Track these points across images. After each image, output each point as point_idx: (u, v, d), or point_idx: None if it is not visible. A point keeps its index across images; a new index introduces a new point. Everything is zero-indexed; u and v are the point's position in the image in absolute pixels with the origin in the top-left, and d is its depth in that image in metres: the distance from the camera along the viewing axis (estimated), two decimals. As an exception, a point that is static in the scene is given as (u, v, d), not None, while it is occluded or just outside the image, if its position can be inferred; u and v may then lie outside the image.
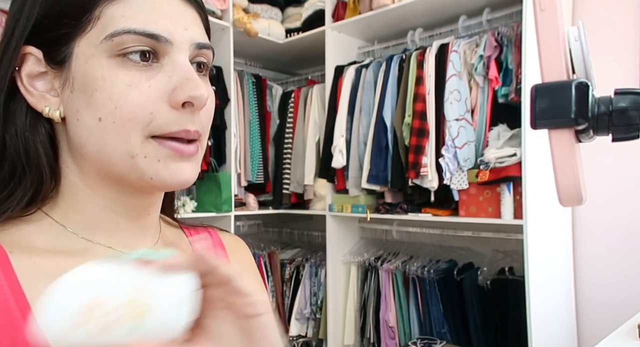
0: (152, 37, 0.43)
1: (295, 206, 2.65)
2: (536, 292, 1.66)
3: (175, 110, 0.44)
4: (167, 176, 0.45)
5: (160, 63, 0.44)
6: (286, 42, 2.59)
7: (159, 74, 0.44)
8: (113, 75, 0.42)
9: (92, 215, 0.48)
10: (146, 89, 0.43)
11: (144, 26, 0.42)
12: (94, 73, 0.43)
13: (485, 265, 2.01)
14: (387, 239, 2.39)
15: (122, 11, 0.43)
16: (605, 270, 1.87)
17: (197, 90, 0.43)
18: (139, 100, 0.43)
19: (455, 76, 1.91)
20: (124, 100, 0.42)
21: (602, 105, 0.39)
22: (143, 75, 0.43)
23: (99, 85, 0.42)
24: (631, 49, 1.81)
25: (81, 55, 0.43)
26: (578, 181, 0.39)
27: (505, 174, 1.72)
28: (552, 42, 0.39)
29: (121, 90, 0.42)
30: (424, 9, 2.08)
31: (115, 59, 0.43)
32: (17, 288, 0.41)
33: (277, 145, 2.72)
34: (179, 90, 0.43)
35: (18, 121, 0.45)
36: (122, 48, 0.42)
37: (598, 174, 1.85)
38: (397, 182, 2.04)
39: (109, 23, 0.42)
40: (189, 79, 0.44)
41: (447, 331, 2.01)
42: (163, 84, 0.44)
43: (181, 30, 0.45)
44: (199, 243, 0.59)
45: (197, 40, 0.46)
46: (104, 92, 0.42)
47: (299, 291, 2.56)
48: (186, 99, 0.43)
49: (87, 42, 0.43)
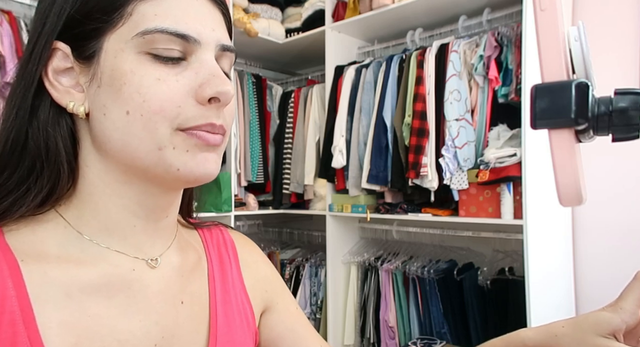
0: (182, 37, 0.44)
1: (295, 206, 2.65)
2: (536, 292, 1.66)
3: (202, 105, 0.45)
4: (194, 166, 0.46)
5: (187, 61, 0.45)
6: (286, 42, 2.59)
7: (185, 70, 0.45)
8: (142, 70, 0.43)
9: (109, 216, 0.47)
10: (174, 83, 0.44)
11: (176, 26, 0.44)
12: (123, 67, 0.43)
13: (485, 265, 2.01)
14: (387, 239, 2.40)
15: (155, 10, 0.44)
16: (606, 270, 1.87)
17: (224, 86, 0.44)
18: (167, 94, 0.43)
19: (455, 76, 1.91)
20: (152, 93, 0.43)
21: (602, 105, 0.39)
22: (171, 71, 0.44)
23: (127, 79, 0.43)
24: (631, 49, 1.81)
25: (110, 50, 0.44)
26: (578, 181, 0.39)
27: (505, 174, 1.72)
28: (552, 42, 0.39)
29: (150, 84, 0.43)
30: (424, 9, 2.08)
31: (144, 55, 0.44)
32: (26, 300, 0.41)
33: (277, 145, 2.72)
34: (206, 86, 0.44)
35: (41, 115, 0.45)
36: (152, 46, 0.43)
37: (598, 173, 1.85)
38: (397, 182, 2.04)
39: (141, 20, 0.43)
40: (215, 76, 0.45)
41: (447, 331, 2.01)
42: (190, 79, 0.45)
43: (209, 30, 0.46)
44: None
45: (223, 41, 0.48)
46: (132, 85, 0.43)
47: (299, 291, 2.56)
48: (213, 94, 0.44)
49: (118, 37, 0.44)
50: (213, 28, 0.47)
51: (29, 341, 0.40)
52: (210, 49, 0.46)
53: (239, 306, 0.59)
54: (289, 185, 2.59)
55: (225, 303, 0.57)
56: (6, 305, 0.40)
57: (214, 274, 0.58)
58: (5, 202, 0.44)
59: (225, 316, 0.56)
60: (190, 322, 0.52)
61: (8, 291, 0.41)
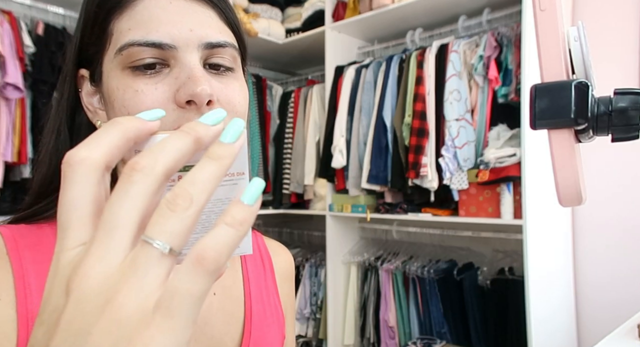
0: (155, 46, 0.44)
1: (295, 206, 2.65)
2: (536, 292, 1.66)
3: (182, 108, 0.45)
4: None
5: (170, 67, 0.46)
6: (286, 42, 2.59)
7: (166, 77, 0.45)
8: (124, 84, 0.45)
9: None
10: (152, 91, 0.45)
11: (146, 36, 0.44)
12: (111, 85, 0.46)
13: (485, 265, 2.01)
14: (387, 239, 2.40)
15: (128, 24, 0.45)
16: (605, 270, 1.87)
17: (197, 87, 0.43)
18: (146, 104, 0.44)
19: (455, 76, 1.91)
20: (133, 105, 0.45)
21: (602, 105, 0.39)
22: (151, 80, 0.45)
23: (115, 95, 0.46)
24: (631, 49, 1.81)
25: (105, 71, 0.48)
26: (578, 181, 0.39)
27: (505, 174, 1.73)
28: (552, 42, 0.39)
29: (130, 96, 0.45)
30: (424, 9, 2.08)
31: (127, 70, 0.45)
32: None
33: (277, 145, 2.72)
34: (182, 90, 0.44)
35: (83, 134, 0.51)
36: (131, 60, 0.45)
37: (598, 173, 1.85)
38: (397, 182, 2.04)
39: (119, 37, 0.46)
40: (190, 78, 0.44)
41: (447, 330, 2.01)
42: (170, 85, 0.45)
43: (186, 31, 0.45)
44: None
45: (206, 40, 0.46)
46: (118, 100, 0.45)
47: (299, 291, 2.56)
48: (187, 97, 0.44)
49: (108, 58, 0.47)
50: (191, 28, 0.45)
51: None
52: (190, 51, 0.45)
53: (272, 308, 0.62)
54: (289, 185, 2.59)
55: (259, 302, 0.60)
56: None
57: (249, 273, 0.61)
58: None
59: (258, 314, 0.59)
60: (222, 313, 0.56)
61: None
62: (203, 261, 0.22)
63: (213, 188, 0.25)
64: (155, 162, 0.24)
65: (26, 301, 0.43)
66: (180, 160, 0.25)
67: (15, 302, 0.43)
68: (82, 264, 0.22)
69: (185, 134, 0.26)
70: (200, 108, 0.45)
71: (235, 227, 0.23)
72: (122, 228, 0.23)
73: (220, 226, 0.23)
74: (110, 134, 0.25)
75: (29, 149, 1.89)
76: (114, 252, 0.23)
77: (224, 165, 0.25)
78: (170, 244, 0.22)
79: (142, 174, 0.24)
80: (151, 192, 0.24)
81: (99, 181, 0.25)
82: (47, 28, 1.97)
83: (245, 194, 0.25)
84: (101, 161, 0.25)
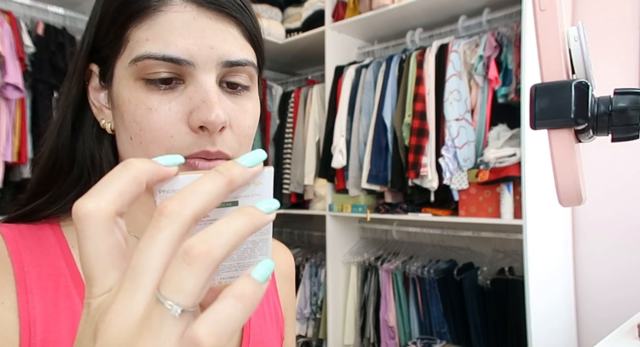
0: (172, 61, 0.42)
1: (295, 206, 2.65)
2: (536, 291, 1.66)
3: (195, 132, 0.43)
4: None
5: (185, 83, 0.44)
6: (286, 42, 2.59)
7: (181, 95, 0.44)
8: (137, 99, 0.44)
9: (137, 219, 0.51)
10: (166, 111, 0.43)
11: (164, 50, 0.42)
12: (123, 95, 0.45)
13: (485, 265, 2.01)
14: (387, 239, 2.40)
15: (146, 34, 0.43)
16: (605, 269, 1.87)
17: (210, 114, 0.42)
18: (159, 124, 0.43)
19: (455, 76, 1.91)
20: (146, 123, 0.43)
21: (602, 105, 0.38)
22: (165, 98, 0.43)
23: (126, 107, 0.44)
24: (631, 49, 1.81)
25: (116, 76, 0.46)
26: (578, 181, 0.39)
27: (505, 174, 1.73)
28: (552, 42, 0.39)
29: (143, 113, 0.43)
30: (424, 9, 2.08)
31: (140, 82, 0.44)
32: (78, 277, 0.47)
33: (277, 145, 2.72)
34: (195, 114, 0.43)
35: (86, 130, 0.50)
36: (146, 72, 0.43)
37: (598, 173, 1.85)
38: (397, 182, 2.04)
39: (135, 46, 0.43)
40: (205, 102, 0.42)
41: (447, 330, 2.02)
42: (183, 106, 0.43)
43: (206, 49, 0.43)
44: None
45: (226, 58, 0.44)
46: (129, 114, 0.44)
47: (299, 291, 2.56)
48: (200, 123, 0.42)
49: (121, 64, 0.45)
50: (212, 45, 0.43)
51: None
52: (207, 69, 0.43)
53: (270, 309, 0.61)
54: (289, 185, 2.59)
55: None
56: (61, 281, 0.46)
57: None
58: (62, 203, 0.50)
59: (257, 316, 0.58)
60: None
61: (62, 270, 0.47)
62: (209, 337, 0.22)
63: (237, 244, 0.24)
64: (183, 207, 0.24)
65: (27, 305, 0.43)
66: (212, 204, 0.25)
67: (17, 305, 0.43)
68: (108, 312, 0.24)
69: (219, 175, 0.26)
70: (212, 134, 0.44)
71: (243, 303, 0.23)
72: (147, 276, 0.23)
73: (227, 299, 0.23)
74: (120, 178, 0.25)
75: (29, 149, 1.89)
76: (137, 300, 0.23)
77: (255, 225, 0.25)
78: (183, 304, 0.23)
79: (170, 220, 0.24)
80: (178, 238, 0.24)
81: (111, 230, 0.25)
82: (47, 28, 1.97)
83: (258, 270, 0.24)
84: (110, 211, 0.25)
